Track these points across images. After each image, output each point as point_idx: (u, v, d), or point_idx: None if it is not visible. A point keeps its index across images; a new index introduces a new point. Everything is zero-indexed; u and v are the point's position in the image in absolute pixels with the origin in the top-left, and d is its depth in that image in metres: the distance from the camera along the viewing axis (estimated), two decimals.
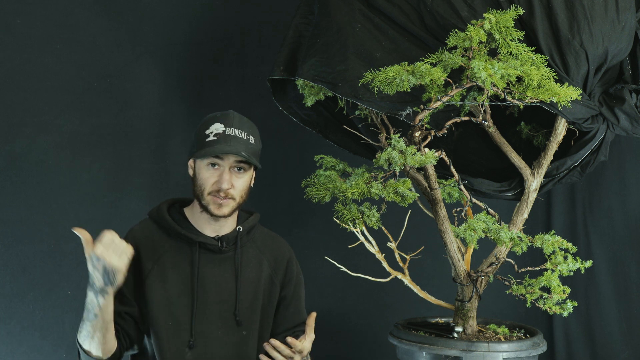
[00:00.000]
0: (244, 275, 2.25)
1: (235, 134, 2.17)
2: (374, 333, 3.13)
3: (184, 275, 2.20)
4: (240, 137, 2.18)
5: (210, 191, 2.18)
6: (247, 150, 2.18)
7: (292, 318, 2.31)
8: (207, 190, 2.18)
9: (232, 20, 3.06)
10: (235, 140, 2.16)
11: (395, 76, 2.14)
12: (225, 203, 2.18)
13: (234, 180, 2.18)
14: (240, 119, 2.21)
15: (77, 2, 2.89)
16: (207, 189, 2.18)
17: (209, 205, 2.18)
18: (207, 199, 2.18)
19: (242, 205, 2.24)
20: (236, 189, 2.19)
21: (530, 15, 2.24)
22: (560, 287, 2.30)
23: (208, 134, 2.17)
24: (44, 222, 2.84)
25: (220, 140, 2.15)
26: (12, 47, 2.82)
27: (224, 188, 2.16)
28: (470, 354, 2.24)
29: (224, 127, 2.17)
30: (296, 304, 2.34)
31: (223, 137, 2.16)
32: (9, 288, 2.81)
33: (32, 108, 2.84)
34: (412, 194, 2.23)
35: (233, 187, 2.18)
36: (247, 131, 2.20)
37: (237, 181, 2.19)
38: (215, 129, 2.17)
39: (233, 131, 2.17)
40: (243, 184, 2.20)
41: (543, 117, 2.55)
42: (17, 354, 2.82)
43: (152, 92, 2.98)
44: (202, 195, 2.19)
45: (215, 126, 2.18)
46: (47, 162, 2.85)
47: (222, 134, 2.16)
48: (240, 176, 2.20)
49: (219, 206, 2.18)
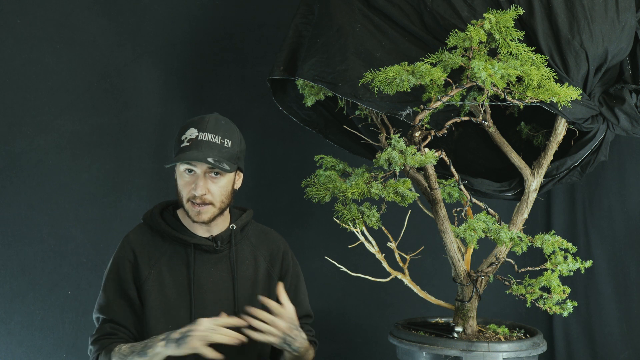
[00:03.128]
0: (240, 273, 2.26)
1: (207, 138, 2.15)
2: (374, 333, 3.13)
3: (181, 277, 2.20)
4: (213, 141, 2.16)
5: (187, 198, 2.18)
6: (220, 154, 2.15)
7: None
8: (185, 197, 2.18)
9: (232, 20, 3.06)
10: (207, 145, 2.14)
11: (395, 76, 2.14)
12: (204, 210, 2.17)
13: (210, 186, 2.16)
14: (215, 123, 2.19)
15: (77, 2, 2.89)
16: (185, 196, 2.18)
17: (189, 212, 2.19)
18: (186, 206, 2.19)
19: (225, 209, 2.23)
20: (213, 194, 2.17)
21: (530, 15, 2.24)
22: (560, 287, 2.30)
23: (183, 139, 2.17)
24: (44, 222, 2.85)
25: (192, 146, 2.14)
26: (12, 47, 2.82)
27: (198, 194, 2.15)
28: (470, 354, 2.24)
29: (197, 132, 2.16)
30: (295, 296, 2.34)
31: (195, 142, 2.14)
32: (9, 288, 2.81)
33: (32, 108, 2.84)
34: (412, 194, 2.23)
35: (209, 192, 2.16)
36: (222, 134, 2.18)
37: (213, 186, 2.17)
38: (189, 135, 2.16)
39: (205, 136, 2.15)
40: (220, 189, 2.18)
41: (543, 117, 2.55)
42: (17, 354, 2.82)
43: (152, 92, 2.98)
44: (182, 202, 2.20)
45: (189, 131, 2.17)
46: (47, 162, 2.85)
47: (195, 139, 2.15)
48: (217, 181, 2.18)
49: (197, 213, 2.18)
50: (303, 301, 2.37)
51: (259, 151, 3.01)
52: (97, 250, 2.89)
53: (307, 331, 2.32)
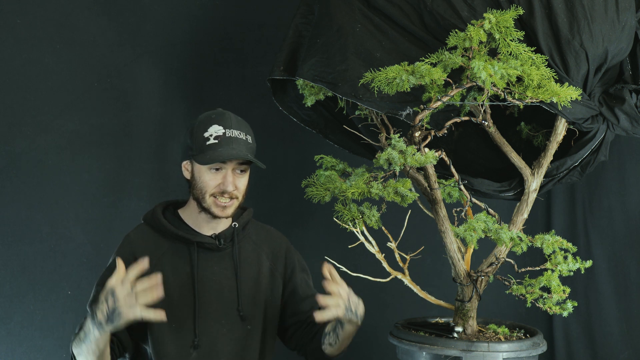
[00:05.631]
0: (243, 271, 2.26)
1: (235, 135, 2.17)
2: (374, 333, 3.13)
3: (184, 276, 2.20)
4: (241, 138, 2.17)
5: (212, 193, 2.17)
6: (248, 150, 2.18)
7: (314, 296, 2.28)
8: (209, 193, 2.18)
9: (232, 20, 3.06)
10: (237, 142, 2.16)
11: (395, 76, 2.14)
12: (230, 204, 2.19)
13: (237, 182, 2.19)
14: (237, 119, 2.21)
15: (77, 2, 2.89)
16: (210, 191, 2.18)
17: (211, 208, 2.18)
18: (209, 202, 2.18)
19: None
20: (239, 190, 2.20)
21: (530, 15, 2.24)
22: (560, 287, 2.30)
23: (207, 137, 2.15)
24: (44, 222, 2.84)
25: (223, 144, 2.14)
26: (12, 47, 2.82)
27: (229, 190, 2.16)
28: (470, 354, 2.24)
29: (224, 129, 2.16)
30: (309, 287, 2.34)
31: (225, 139, 2.15)
32: (9, 288, 2.81)
33: (32, 108, 2.84)
34: (412, 194, 2.23)
35: (237, 189, 2.19)
36: (245, 131, 2.20)
37: (239, 182, 2.20)
38: (214, 132, 2.15)
39: (233, 132, 2.16)
40: (244, 184, 2.22)
41: (543, 117, 2.55)
42: (17, 354, 2.81)
43: (152, 92, 2.98)
44: (204, 198, 2.18)
45: (213, 128, 2.16)
46: (47, 162, 2.85)
47: (223, 136, 2.15)
48: (242, 177, 2.21)
49: (222, 209, 2.18)
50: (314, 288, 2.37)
51: (259, 151, 2.99)
52: (97, 250, 2.89)
53: None
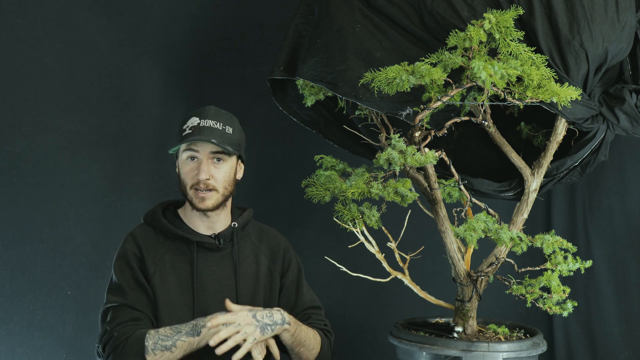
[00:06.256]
0: (242, 270, 2.27)
1: (209, 125, 2.20)
2: (374, 333, 3.13)
3: (184, 275, 2.21)
4: (215, 127, 2.20)
5: (191, 184, 2.20)
6: (222, 139, 2.19)
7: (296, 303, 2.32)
8: (189, 184, 2.21)
9: (232, 20, 3.06)
10: (210, 131, 2.18)
11: (395, 76, 2.14)
12: (208, 196, 2.19)
13: (213, 171, 2.20)
14: (216, 112, 2.24)
15: (77, 2, 2.89)
16: (189, 183, 2.21)
17: (192, 200, 2.21)
18: (190, 193, 2.21)
19: (228, 197, 2.25)
20: (217, 180, 2.20)
21: (530, 15, 2.24)
22: (560, 287, 2.30)
23: (184, 128, 2.21)
24: (44, 222, 2.84)
25: (195, 132, 2.18)
26: (12, 47, 2.82)
27: (202, 179, 2.18)
28: (470, 354, 2.24)
29: (199, 120, 2.21)
30: (298, 289, 2.35)
31: (197, 128, 2.19)
32: (9, 288, 2.81)
33: (32, 108, 2.84)
34: (412, 194, 2.23)
35: (213, 178, 2.19)
36: (223, 122, 2.23)
37: (216, 171, 2.20)
38: (190, 123, 2.21)
39: (207, 122, 2.20)
40: (223, 174, 2.21)
41: (543, 117, 2.55)
42: (17, 354, 2.81)
43: (152, 92, 2.98)
44: (186, 190, 2.22)
45: (191, 120, 2.22)
46: (47, 162, 2.85)
47: (197, 126, 2.19)
48: (219, 166, 2.21)
49: (201, 200, 2.19)
50: (306, 294, 2.37)
51: (259, 151, 3.01)
52: (97, 250, 2.89)
53: (318, 321, 2.33)
